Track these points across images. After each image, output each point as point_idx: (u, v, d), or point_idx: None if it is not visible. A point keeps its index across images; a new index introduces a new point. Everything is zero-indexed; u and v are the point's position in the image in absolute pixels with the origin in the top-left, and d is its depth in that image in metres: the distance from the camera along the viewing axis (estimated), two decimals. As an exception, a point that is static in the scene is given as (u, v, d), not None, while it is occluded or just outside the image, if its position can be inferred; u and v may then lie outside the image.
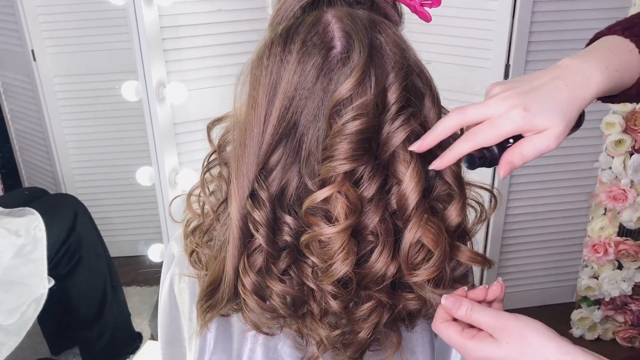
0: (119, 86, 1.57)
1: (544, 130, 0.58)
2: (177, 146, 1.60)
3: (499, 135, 0.58)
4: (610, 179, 1.95)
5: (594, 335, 2.16)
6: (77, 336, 1.92)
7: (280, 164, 0.64)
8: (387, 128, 0.62)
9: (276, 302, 0.66)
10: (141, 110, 1.56)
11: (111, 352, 1.92)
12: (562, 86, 0.59)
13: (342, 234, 0.61)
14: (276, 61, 0.63)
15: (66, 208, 1.75)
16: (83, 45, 2.13)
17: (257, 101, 0.64)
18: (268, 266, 0.66)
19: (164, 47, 1.50)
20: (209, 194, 0.75)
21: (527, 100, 0.58)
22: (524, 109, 0.57)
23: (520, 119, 0.57)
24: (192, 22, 1.54)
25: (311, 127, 0.63)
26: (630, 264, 2.02)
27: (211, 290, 0.70)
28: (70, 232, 1.72)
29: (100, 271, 1.83)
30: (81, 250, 1.75)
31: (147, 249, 1.74)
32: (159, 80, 1.49)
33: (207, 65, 1.60)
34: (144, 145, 2.14)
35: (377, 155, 0.63)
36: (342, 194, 0.61)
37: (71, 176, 2.30)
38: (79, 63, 2.15)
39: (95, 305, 1.84)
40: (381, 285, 0.65)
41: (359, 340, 0.69)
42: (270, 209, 0.64)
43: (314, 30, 0.63)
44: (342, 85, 0.60)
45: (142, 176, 1.65)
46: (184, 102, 1.55)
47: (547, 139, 0.58)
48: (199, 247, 0.73)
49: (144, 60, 1.47)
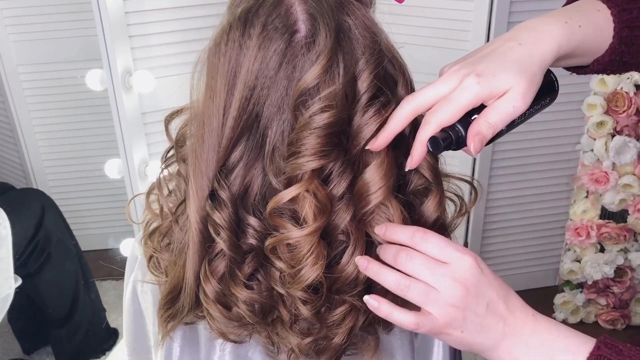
0: (83, 75, 1.50)
1: (506, 91, 0.53)
2: (146, 137, 1.53)
3: (458, 109, 0.54)
4: (592, 162, 1.93)
5: (577, 318, 2.15)
6: (50, 335, 1.87)
7: (243, 161, 0.59)
8: (358, 120, 0.57)
9: (242, 309, 0.61)
10: (106, 99, 1.49)
11: (85, 349, 1.87)
12: (515, 45, 0.55)
13: (311, 236, 0.56)
14: (235, 47, 0.58)
15: (33, 203, 1.68)
16: (48, 32, 2.06)
17: (215, 91, 0.59)
18: (232, 272, 0.60)
19: (129, 33, 1.43)
20: (168, 194, 0.69)
21: (480, 66, 0.54)
22: (477, 75, 0.53)
23: (475, 86, 0.53)
24: (158, 6, 1.46)
25: (275, 120, 0.58)
26: (612, 246, 2.00)
27: (171, 298, 0.65)
28: (37, 228, 1.66)
29: (71, 267, 1.78)
30: (50, 246, 1.70)
31: (118, 244, 1.67)
32: (125, 68, 1.42)
33: (176, 52, 1.53)
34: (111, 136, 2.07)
35: (347, 149, 0.57)
36: (310, 192, 0.56)
37: (42, 169, 2.23)
38: (44, 51, 2.07)
39: (67, 303, 1.79)
40: (355, 290, 0.60)
41: (334, 346, 0.64)
42: (233, 210, 0.59)
43: (276, 13, 0.57)
44: (308, 73, 0.55)
45: (110, 169, 1.58)
46: (152, 91, 1.48)
47: (512, 100, 0.53)
48: (157, 252, 0.68)
49: (108, 48, 1.39)
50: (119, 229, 1.94)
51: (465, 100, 0.53)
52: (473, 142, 0.54)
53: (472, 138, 0.54)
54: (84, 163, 2.18)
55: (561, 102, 1.93)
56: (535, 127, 1.96)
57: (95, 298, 1.89)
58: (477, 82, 0.53)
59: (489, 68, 0.54)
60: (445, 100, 0.54)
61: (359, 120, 0.57)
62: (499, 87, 0.53)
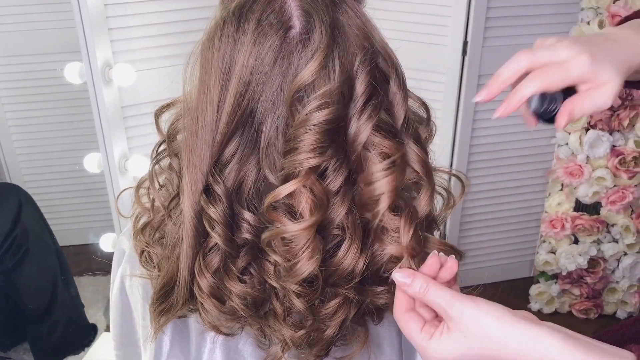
0: (62, 68, 1.47)
1: (604, 84, 0.56)
2: (126, 130, 1.52)
3: (567, 78, 0.56)
4: (566, 155, 1.97)
5: (552, 308, 2.20)
6: (28, 331, 1.84)
7: (237, 156, 0.59)
8: (355, 123, 0.57)
9: (236, 303, 0.62)
10: (86, 93, 1.47)
11: (64, 346, 1.84)
12: (616, 46, 0.59)
13: (307, 231, 0.57)
14: (229, 42, 0.58)
15: (9, 198, 1.65)
16: (23, 23, 2.01)
17: (209, 87, 0.59)
18: (226, 266, 0.61)
19: (108, 25, 1.41)
20: (159, 188, 0.69)
21: (593, 49, 0.57)
22: (591, 56, 0.56)
23: (588, 65, 0.55)
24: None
25: (269, 115, 0.58)
26: (585, 238, 2.05)
27: (165, 292, 0.65)
28: (14, 224, 1.63)
29: (49, 263, 1.75)
30: (28, 241, 1.67)
31: (98, 239, 1.66)
32: (105, 61, 1.41)
33: (156, 45, 1.51)
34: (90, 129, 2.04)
35: (344, 147, 0.58)
36: (307, 188, 0.56)
37: (16, 163, 2.19)
38: (20, 42, 2.03)
39: (45, 299, 1.77)
40: (351, 283, 0.61)
41: (325, 338, 0.65)
42: (227, 205, 0.59)
43: (270, 8, 0.57)
44: (304, 70, 0.55)
45: (90, 163, 1.57)
46: (132, 84, 1.46)
47: (606, 95, 0.56)
48: (150, 246, 0.68)
49: (87, 40, 1.37)
50: (98, 224, 1.92)
51: (576, 73, 0.56)
52: (564, 118, 0.57)
53: (565, 115, 0.57)
54: (61, 157, 2.15)
55: (537, 97, 1.97)
56: (512, 121, 2.00)
57: (74, 294, 1.87)
58: (591, 62, 0.55)
59: (601, 55, 0.56)
60: (560, 66, 0.56)
61: (356, 124, 0.58)
62: (601, 77, 0.56)
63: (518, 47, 0.60)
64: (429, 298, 0.55)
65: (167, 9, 1.50)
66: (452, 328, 0.53)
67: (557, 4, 1.85)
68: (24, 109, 2.12)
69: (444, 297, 0.54)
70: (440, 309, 0.54)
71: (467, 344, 0.53)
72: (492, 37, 1.83)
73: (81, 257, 2.20)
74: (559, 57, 0.57)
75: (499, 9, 1.80)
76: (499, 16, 1.81)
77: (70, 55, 1.86)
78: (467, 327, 0.52)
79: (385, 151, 0.59)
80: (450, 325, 0.54)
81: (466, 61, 1.83)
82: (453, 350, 0.53)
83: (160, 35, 1.51)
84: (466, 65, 1.83)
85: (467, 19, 1.78)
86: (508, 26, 1.83)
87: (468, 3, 1.76)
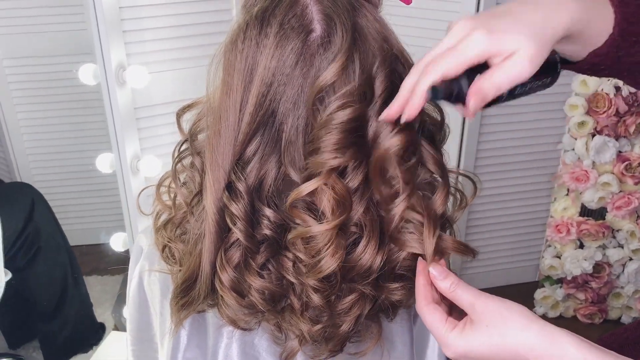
0: (77, 69, 1.49)
1: (514, 52, 0.51)
2: (138, 131, 1.53)
3: (462, 61, 0.52)
4: (573, 160, 1.99)
5: (556, 313, 2.21)
6: (37, 329, 1.87)
7: (258, 154, 0.61)
8: (375, 123, 0.59)
9: (255, 297, 0.64)
10: (99, 94, 1.49)
11: (73, 344, 1.87)
12: (532, 9, 0.53)
13: (332, 230, 0.59)
14: (252, 45, 0.60)
15: (22, 197, 1.68)
16: (35, 25, 2.04)
17: (232, 87, 0.61)
18: (246, 261, 0.63)
19: (123, 28, 1.43)
20: (181, 185, 0.71)
21: (492, 23, 0.52)
22: (487, 30, 0.51)
23: (485, 40, 0.51)
24: (152, 1, 1.47)
25: (290, 115, 0.60)
26: (591, 243, 2.06)
27: (186, 287, 0.67)
28: (27, 222, 1.66)
29: (60, 261, 1.77)
30: (40, 240, 1.69)
31: (109, 238, 1.67)
32: (119, 63, 1.43)
33: (169, 47, 1.53)
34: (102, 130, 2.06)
35: (364, 146, 0.60)
36: (328, 186, 0.58)
37: (26, 163, 2.21)
38: (32, 44, 2.06)
39: (55, 297, 1.79)
40: (368, 279, 0.63)
41: (340, 333, 0.67)
42: (248, 202, 0.61)
43: (292, 13, 0.59)
44: (326, 71, 0.57)
45: (102, 163, 1.58)
46: (145, 86, 1.48)
47: (519, 63, 0.51)
48: (172, 241, 0.69)
49: (102, 42, 1.39)
50: (108, 224, 1.94)
51: (472, 52, 0.51)
52: (473, 98, 0.52)
53: (473, 94, 0.52)
54: (71, 158, 2.17)
55: (543, 102, 1.99)
56: (518, 126, 2.02)
57: (84, 292, 1.89)
58: (487, 37, 0.51)
59: (500, 25, 0.51)
60: (453, 50, 0.52)
61: (375, 125, 0.59)
62: (508, 46, 0.51)
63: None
64: (456, 294, 0.58)
65: (179, 12, 1.53)
66: (475, 321, 0.56)
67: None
68: (36, 110, 2.14)
69: (471, 292, 0.57)
70: (467, 303, 0.57)
71: (488, 332, 0.55)
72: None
73: (89, 257, 2.22)
74: (452, 41, 0.53)
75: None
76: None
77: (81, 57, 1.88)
78: (490, 318, 0.55)
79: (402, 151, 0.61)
80: (474, 318, 0.56)
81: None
82: (474, 340, 0.56)
83: (173, 38, 1.53)
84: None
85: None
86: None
87: (476, 8, 1.78)
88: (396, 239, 0.63)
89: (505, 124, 2.00)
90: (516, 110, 1.96)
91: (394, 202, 0.61)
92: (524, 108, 1.96)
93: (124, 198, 1.57)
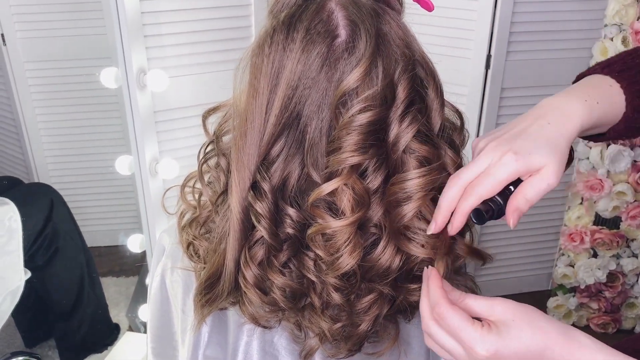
0: (98, 73, 1.52)
1: (540, 168, 0.58)
2: (157, 134, 1.56)
3: (497, 183, 0.58)
4: (587, 169, 1.99)
5: (569, 322, 2.20)
6: (54, 328, 1.89)
7: (282, 155, 0.63)
8: (396, 128, 0.61)
9: (277, 295, 0.65)
10: (117, 97, 1.52)
11: (89, 343, 1.89)
12: (545, 124, 0.60)
13: (350, 227, 0.60)
14: (279, 49, 0.61)
15: (42, 197, 1.70)
16: (56, 30, 2.08)
17: (258, 90, 0.63)
18: (269, 259, 0.64)
19: (144, 33, 1.46)
20: (206, 185, 0.73)
21: (516, 144, 0.59)
22: (514, 153, 0.58)
23: (513, 163, 0.58)
24: (173, 7, 1.50)
25: (314, 118, 0.62)
26: (605, 252, 2.06)
27: (210, 283, 0.69)
28: (46, 222, 1.68)
29: (78, 261, 1.80)
30: (58, 240, 1.72)
31: (126, 239, 1.70)
32: (140, 67, 1.45)
33: (188, 52, 1.56)
34: (119, 133, 2.10)
35: (384, 149, 0.62)
36: (348, 186, 0.60)
37: (44, 165, 2.25)
38: (52, 48, 2.09)
39: (72, 297, 1.81)
40: (386, 280, 0.64)
41: (359, 332, 0.68)
42: (272, 201, 0.63)
43: (318, 18, 0.61)
44: (350, 75, 0.59)
45: (121, 165, 1.61)
46: (164, 90, 1.51)
47: (547, 178, 0.58)
48: (197, 239, 0.71)
49: (124, 47, 1.42)
50: (124, 226, 1.96)
51: (504, 175, 0.58)
52: (512, 216, 0.58)
53: (512, 213, 0.58)
54: (89, 160, 2.20)
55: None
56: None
57: (100, 293, 1.91)
58: (515, 159, 0.58)
59: (524, 146, 0.58)
60: (486, 175, 0.59)
61: (397, 129, 0.61)
62: (535, 164, 0.58)
63: (541, 62, 0.63)
64: (467, 303, 0.59)
65: (198, 18, 1.55)
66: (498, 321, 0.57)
67: (581, 20, 1.88)
68: (56, 112, 2.17)
69: (483, 297, 0.59)
70: (484, 306, 0.58)
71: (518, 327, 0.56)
72: (515, 52, 1.86)
73: (105, 258, 2.25)
74: (482, 167, 0.59)
75: (523, 24, 1.83)
76: (522, 31, 1.83)
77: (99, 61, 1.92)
78: (514, 315, 0.56)
79: (423, 154, 0.62)
80: (496, 319, 0.57)
81: (489, 74, 1.86)
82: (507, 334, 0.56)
83: (192, 44, 1.56)
84: (489, 78, 1.86)
85: (491, 33, 1.81)
86: (532, 41, 1.86)
87: (492, 17, 1.79)
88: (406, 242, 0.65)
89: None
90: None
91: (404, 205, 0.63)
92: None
93: (142, 200, 1.59)
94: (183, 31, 1.54)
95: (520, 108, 1.95)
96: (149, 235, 1.63)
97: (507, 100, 1.92)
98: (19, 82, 2.13)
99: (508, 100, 1.92)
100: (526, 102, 1.90)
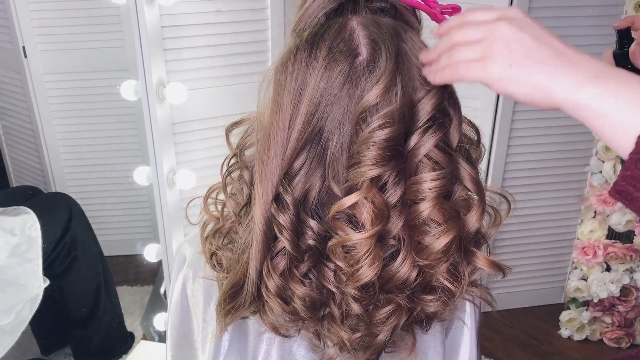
0: (119, 85, 1.56)
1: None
2: (175, 146, 1.59)
3: None
4: (600, 183, 1.99)
5: (582, 336, 2.20)
6: (70, 336, 1.91)
7: (304, 169, 0.65)
8: (417, 139, 0.62)
9: (297, 304, 0.67)
10: (135, 109, 1.55)
11: (104, 352, 1.91)
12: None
13: (370, 239, 0.62)
14: (302, 67, 0.64)
15: (61, 207, 1.73)
16: (75, 42, 2.13)
17: (281, 106, 0.65)
18: (290, 269, 0.66)
19: (164, 46, 1.49)
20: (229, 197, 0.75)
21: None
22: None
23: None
24: (192, 22, 1.53)
25: (336, 133, 0.64)
26: (618, 266, 2.06)
27: (233, 292, 0.70)
28: (65, 231, 1.71)
29: (95, 270, 1.82)
30: (76, 249, 1.74)
31: (143, 249, 1.73)
32: (159, 80, 1.49)
33: (207, 66, 1.59)
34: (137, 144, 2.13)
35: (402, 161, 0.63)
36: (368, 200, 0.61)
37: (61, 175, 2.29)
38: (71, 61, 2.14)
39: (89, 305, 1.84)
40: (404, 291, 0.66)
41: (377, 342, 0.70)
42: (294, 213, 0.65)
43: (340, 37, 0.63)
44: (370, 93, 0.61)
45: (139, 176, 1.64)
46: (182, 102, 1.54)
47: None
48: (220, 249, 0.73)
49: (144, 60, 1.46)
50: (141, 235, 1.99)
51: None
52: None
53: None
54: (106, 170, 2.24)
55: (571, 125, 2.00)
56: (546, 148, 2.03)
57: (115, 302, 1.94)
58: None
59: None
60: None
61: (417, 139, 0.63)
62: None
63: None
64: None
65: (217, 32, 1.59)
66: None
67: (595, 26, 1.88)
68: (74, 123, 2.22)
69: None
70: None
71: None
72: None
73: (120, 267, 2.28)
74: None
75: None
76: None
77: (117, 73, 1.96)
78: None
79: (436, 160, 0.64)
80: None
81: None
82: None
83: (211, 57, 1.60)
84: (502, 92, 1.87)
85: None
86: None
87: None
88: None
89: (533, 145, 2.02)
90: (544, 132, 1.98)
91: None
92: (552, 130, 1.98)
93: (159, 210, 1.62)
94: (201, 45, 1.57)
95: (533, 122, 1.96)
96: (165, 245, 1.65)
97: (520, 114, 1.93)
98: (38, 94, 2.18)
99: (521, 114, 1.93)
100: (540, 116, 1.91)
